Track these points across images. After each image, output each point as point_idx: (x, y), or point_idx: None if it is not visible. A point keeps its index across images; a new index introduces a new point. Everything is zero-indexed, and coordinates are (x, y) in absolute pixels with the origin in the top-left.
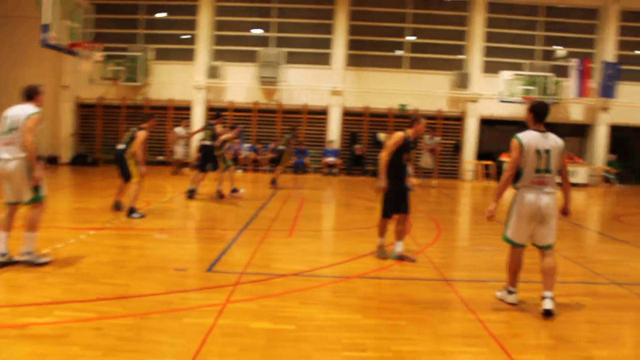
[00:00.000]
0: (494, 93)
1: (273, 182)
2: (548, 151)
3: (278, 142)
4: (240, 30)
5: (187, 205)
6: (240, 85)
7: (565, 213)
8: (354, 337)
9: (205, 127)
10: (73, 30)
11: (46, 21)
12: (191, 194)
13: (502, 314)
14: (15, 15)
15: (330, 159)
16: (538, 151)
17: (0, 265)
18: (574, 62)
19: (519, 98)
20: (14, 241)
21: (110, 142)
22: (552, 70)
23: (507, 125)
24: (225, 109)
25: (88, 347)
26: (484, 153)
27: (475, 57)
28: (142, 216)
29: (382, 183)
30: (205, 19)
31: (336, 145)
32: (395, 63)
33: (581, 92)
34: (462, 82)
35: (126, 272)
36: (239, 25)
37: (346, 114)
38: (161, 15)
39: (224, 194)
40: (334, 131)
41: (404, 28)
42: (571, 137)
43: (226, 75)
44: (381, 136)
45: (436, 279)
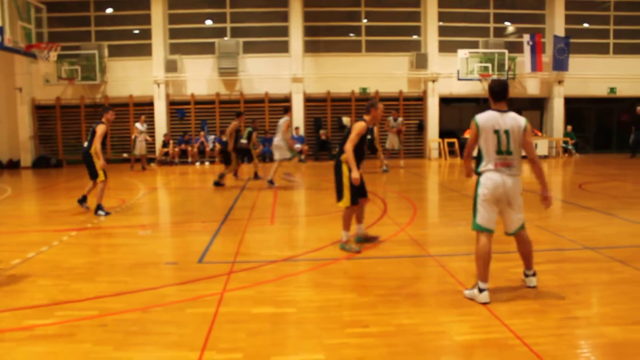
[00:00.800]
0: (452, 72)
1: (256, 177)
2: (507, 132)
3: (223, 135)
4: (195, 22)
5: (162, 200)
6: (200, 77)
7: (544, 200)
8: (355, 315)
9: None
10: (27, 31)
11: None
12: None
13: (488, 284)
14: None
15: (296, 146)
16: (497, 131)
17: None
18: (526, 38)
19: (477, 76)
20: None
21: (72, 143)
22: (506, 46)
23: (467, 102)
24: (187, 102)
25: (98, 343)
26: (446, 131)
27: (431, 38)
28: (108, 213)
29: (356, 174)
30: (158, 13)
31: (301, 131)
32: (353, 47)
33: (535, 67)
34: (421, 63)
35: (119, 270)
36: (194, 17)
37: (308, 100)
38: (112, 11)
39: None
40: (298, 118)
41: (359, 12)
42: (530, 111)
43: (185, 68)
44: (345, 120)
45: (421, 255)
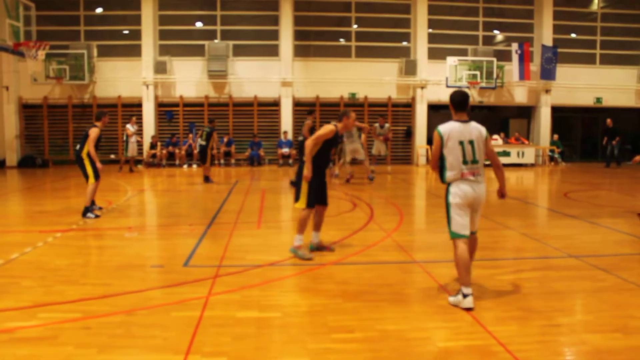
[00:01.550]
0: (441, 79)
1: (206, 179)
2: (472, 142)
3: (198, 135)
4: (185, 24)
5: (150, 202)
6: (189, 79)
7: (501, 196)
8: (340, 320)
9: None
10: (15, 29)
11: None
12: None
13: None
14: None
15: (284, 150)
16: (461, 142)
17: None
18: (515, 47)
19: (465, 83)
20: None
21: (59, 143)
22: (495, 55)
23: None
24: (175, 104)
25: (81, 346)
26: None
27: (420, 44)
28: (97, 216)
29: (308, 172)
30: (148, 14)
31: (290, 136)
32: (343, 52)
33: (523, 75)
34: (410, 69)
35: (104, 272)
36: (184, 19)
37: (297, 105)
38: (102, 10)
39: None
40: (287, 122)
41: (349, 17)
42: (517, 119)
43: (174, 70)
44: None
45: (406, 262)
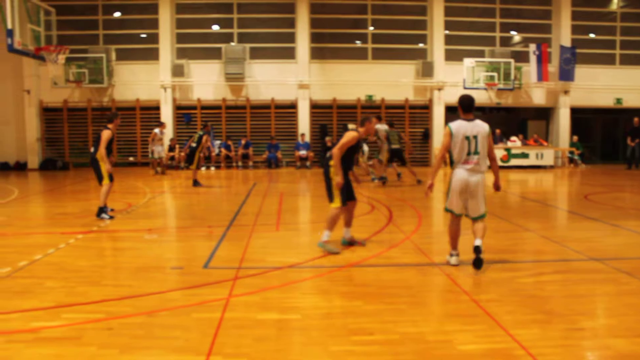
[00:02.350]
0: (458, 80)
1: (195, 183)
2: (475, 137)
3: (192, 140)
4: (202, 27)
5: (169, 204)
6: (206, 82)
7: (496, 188)
8: (360, 322)
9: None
10: (36, 33)
11: (10, 26)
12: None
13: (494, 294)
14: None
15: (302, 152)
16: (467, 137)
17: None
18: (532, 48)
19: (483, 84)
20: None
21: (78, 146)
22: (513, 56)
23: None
24: (193, 107)
25: (104, 347)
26: None
27: (437, 46)
28: (112, 217)
29: (340, 179)
30: (165, 18)
31: (307, 138)
32: (359, 54)
33: (541, 77)
34: (427, 71)
35: (125, 273)
36: (201, 22)
37: (314, 107)
38: (121, 15)
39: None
40: (304, 124)
41: (365, 19)
42: (535, 121)
43: (192, 73)
44: (351, 127)
45: (426, 264)
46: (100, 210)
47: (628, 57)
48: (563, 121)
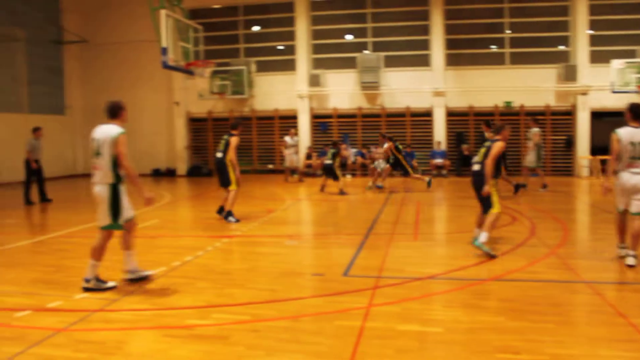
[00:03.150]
0: (605, 84)
1: (342, 192)
2: (639, 143)
3: (326, 157)
4: (337, 37)
5: (307, 211)
6: (342, 91)
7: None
8: (504, 340)
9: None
10: (186, 50)
11: (165, 44)
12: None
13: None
14: (136, 40)
15: (438, 160)
16: (632, 143)
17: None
18: None
19: (634, 87)
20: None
21: None
22: None
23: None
24: (329, 116)
25: (251, 348)
26: (598, 147)
27: (581, 48)
28: (238, 220)
29: (490, 188)
30: (302, 29)
31: (443, 146)
32: (496, 60)
33: None
34: (570, 75)
35: (269, 278)
36: (336, 32)
37: (450, 114)
38: (260, 28)
39: None
40: (439, 132)
41: (502, 23)
42: None
43: (328, 82)
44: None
45: (574, 281)
46: (228, 213)
47: None
48: None
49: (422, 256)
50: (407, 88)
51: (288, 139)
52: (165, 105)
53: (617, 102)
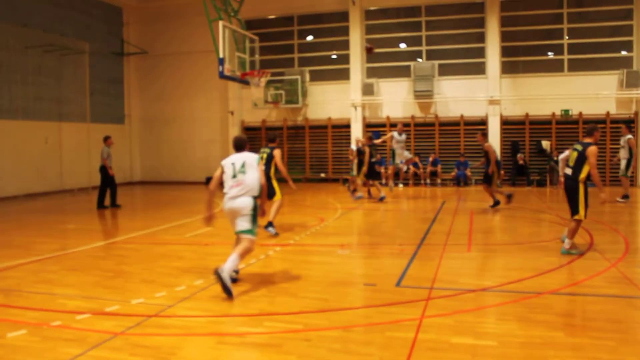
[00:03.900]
0: None
1: (382, 198)
2: None
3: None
4: (390, 46)
5: (359, 220)
6: (395, 100)
7: None
8: (562, 356)
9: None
10: (242, 60)
11: (222, 55)
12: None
13: None
14: (193, 50)
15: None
16: None
17: (233, 280)
18: None
19: None
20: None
21: None
22: None
23: None
24: (382, 125)
25: (303, 357)
26: None
27: None
28: (277, 234)
29: (605, 195)
30: (356, 39)
31: (497, 155)
32: (553, 67)
33: None
34: (632, 81)
35: (321, 287)
36: (389, 41)
37: (505, 123)
38: (313, 38)
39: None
40: (494, 141)
41: (560, 29)
42: None
43: (381, 91)
44: (544, 144)
45: (637, 297)
46: (269, 223)
47: None
48: None
49: (476, 267)
50: (462, 96)
51: (355, 147)
52: (219, 114)
53: None
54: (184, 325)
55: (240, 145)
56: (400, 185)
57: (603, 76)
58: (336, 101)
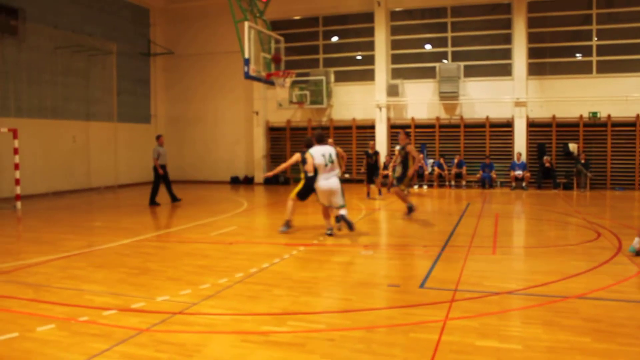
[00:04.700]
0: None
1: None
2: None
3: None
4: (416, 47)
5: (383, 221)
6: (420, 101)
7: None
8: None
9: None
10: (267, 61)
11: (247, 55)
12: None
13: None
14: (218, 51)
15: (517, 172)
16: None
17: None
18: None
19: None
20: None
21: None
22: None
23: None
24: (407, 126)
25: (326, 357)
26: None
27: None
28: (283, 230)
29: None
30: (381, 39)
31: (523, 158)
32: (581, 68)
33: None
34: None
35: (344, 287)
36: (415, 42)
37: (532, 125)
38: (338, 39)
39: None
40: (520, 143)
41: (589, 31)
42: None
43: (406, 92)
44: (572, 147)
45: None
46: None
47: None
48: None
49: (501, 270)
50: (487, 98)
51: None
52: (244, 114)
53: None
54: (208, 322)
55: (322, 138)
56: (424, 186)
57: (633, 78)
58: (361, 102)
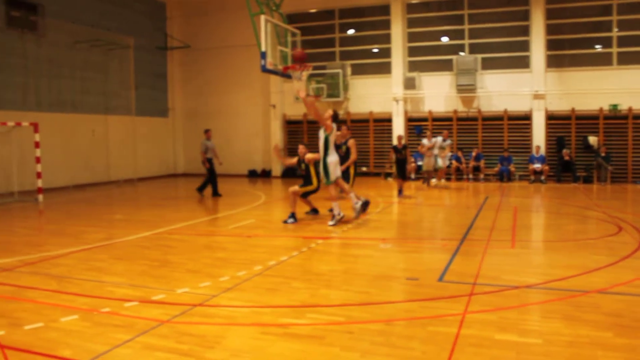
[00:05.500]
0: None
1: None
2: None
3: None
4: (433, 39)
5: (401, 215)
6: (437, 94)
7: None
8: (611, 357)
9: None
10: (284, 54)
11: (264, 49)
12: None
13: None
14: (233, 45)
15: (536, 166)
16: None
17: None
18: None
19: None
20: None
21: None
22: None
23: None
24: (424, 119)
25: (345, 349)
26: None
27: None
28: (285, 221)
29: None
30: (397, 32)
31: (542, 151)
32: (602, 60)
33: None
34: None
35: (363, 280)
36: (432, 35)
37: (550, 118)
38: (355, 32)
39: None
40: (539, 136)
41: (609, 21)
42: None
43: (423, 85)
44: (591, 140)
45: None
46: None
47: None
48: None
49: (520, 264)
50: (505, 91)
51: (425, 142)
52: (261, 107)
53: None
54: (228, 315)
55: (337, 117)
56: (442, 180)
57: None
58: (378, 95)
